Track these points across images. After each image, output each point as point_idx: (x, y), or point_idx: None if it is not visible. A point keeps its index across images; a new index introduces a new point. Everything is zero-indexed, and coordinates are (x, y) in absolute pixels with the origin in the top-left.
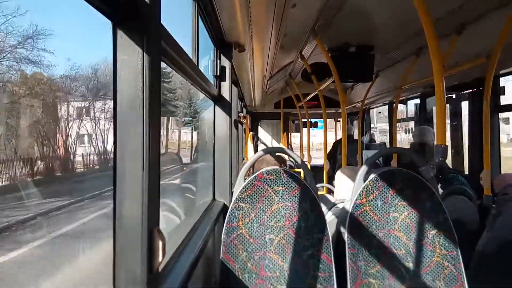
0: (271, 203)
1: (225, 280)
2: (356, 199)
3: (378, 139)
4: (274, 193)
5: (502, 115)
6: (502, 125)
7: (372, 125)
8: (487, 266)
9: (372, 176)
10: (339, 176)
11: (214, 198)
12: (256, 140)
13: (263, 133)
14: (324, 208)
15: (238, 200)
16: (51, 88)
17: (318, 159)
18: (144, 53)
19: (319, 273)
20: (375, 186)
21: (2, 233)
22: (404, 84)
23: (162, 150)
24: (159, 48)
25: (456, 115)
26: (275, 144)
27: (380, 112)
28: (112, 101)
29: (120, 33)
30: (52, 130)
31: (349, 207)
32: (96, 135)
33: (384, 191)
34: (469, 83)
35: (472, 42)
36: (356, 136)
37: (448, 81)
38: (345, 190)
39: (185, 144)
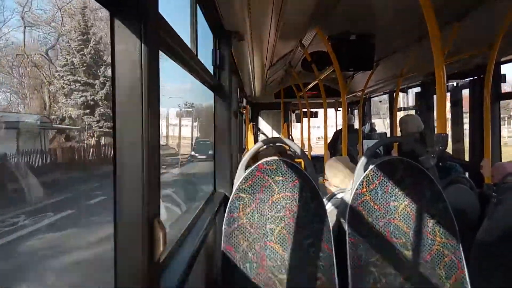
0: (271, 193)
1: (227, 270)
2: (357, 189)
3: None
4: (275, 183)
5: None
6: None
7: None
8: (487, 254)
9: (372, 165)
10: (328, 166)
11: (215, 189)
12: (256, 130)
13: (263, 124)
14: (324, 198)
15: (239, 191)
16: None
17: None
18: (142, 43)
19: (319, 262)
20: (375, 176)
21: None
22: (405, 72)
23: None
24: (157, 38)
25: (456, 103)
26: (276, 134)
27: (380, 101)
28: (111, 92)
29: (117, 23)
30: None
31: (349, 196)
32: None
33: (384, 181)
34: (470, 70)
35: (474, 29)
36: (356, 126)
37: (449, 68)
38: (334, 180)
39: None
